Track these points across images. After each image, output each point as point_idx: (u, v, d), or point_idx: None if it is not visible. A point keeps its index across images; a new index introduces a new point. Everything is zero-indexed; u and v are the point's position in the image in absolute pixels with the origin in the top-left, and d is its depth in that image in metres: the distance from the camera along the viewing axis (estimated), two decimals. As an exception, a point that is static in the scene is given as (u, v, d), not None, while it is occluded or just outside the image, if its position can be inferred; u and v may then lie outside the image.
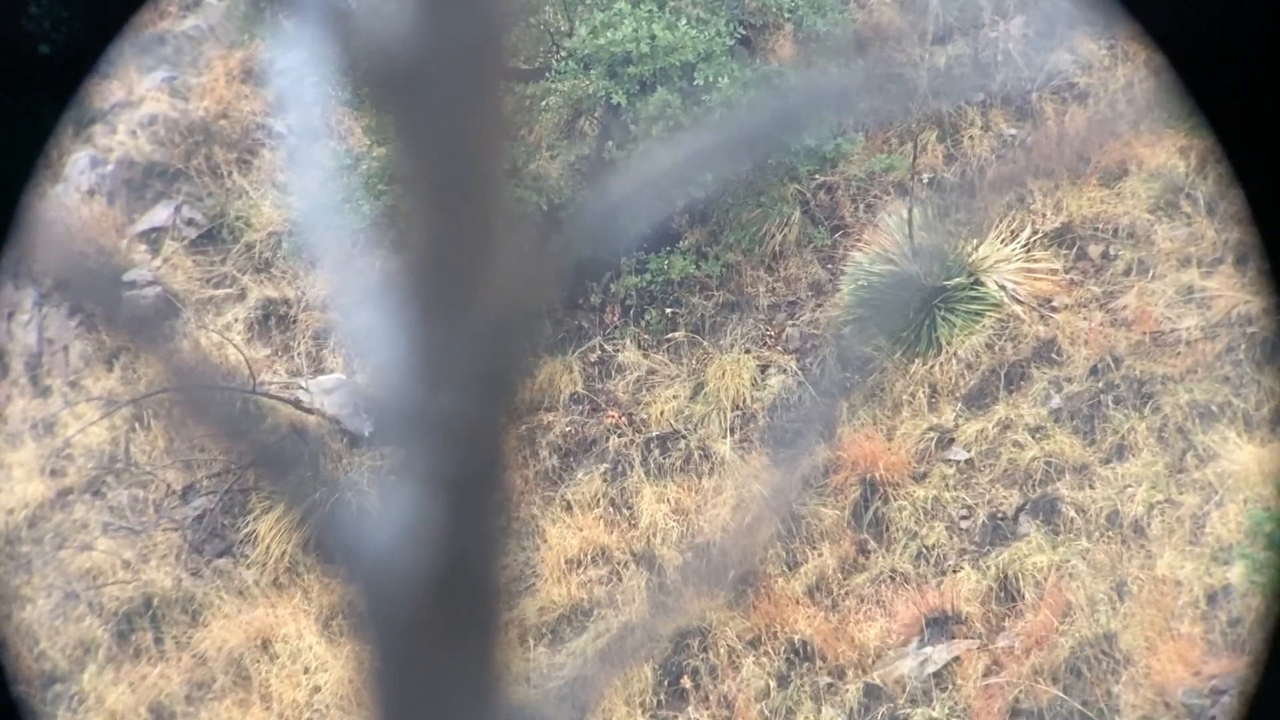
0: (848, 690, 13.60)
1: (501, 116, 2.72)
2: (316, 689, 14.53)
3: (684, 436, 15.21)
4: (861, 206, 16.04)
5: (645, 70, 14.78)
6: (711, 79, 14.73)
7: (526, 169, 15.27)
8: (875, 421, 14.65)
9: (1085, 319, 14.62)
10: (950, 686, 13.30)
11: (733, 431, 15.15)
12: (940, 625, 13.61)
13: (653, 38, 14.75)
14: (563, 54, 15.10)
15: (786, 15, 15.38)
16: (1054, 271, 14.98)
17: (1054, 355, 14.58)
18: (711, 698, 13.89)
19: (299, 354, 16.46)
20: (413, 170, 2.72)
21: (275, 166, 17.45)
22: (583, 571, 14.68)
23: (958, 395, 14.65)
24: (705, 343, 15.65)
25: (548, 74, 15.10)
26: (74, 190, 17.23)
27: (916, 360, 14.81)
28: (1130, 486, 13.69)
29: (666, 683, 14.02)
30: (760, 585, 14.13)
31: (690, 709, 13.90)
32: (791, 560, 14.30)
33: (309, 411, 15.56)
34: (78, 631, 15.12)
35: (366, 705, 2.85)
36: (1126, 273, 14.84)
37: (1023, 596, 13.50)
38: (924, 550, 14.05)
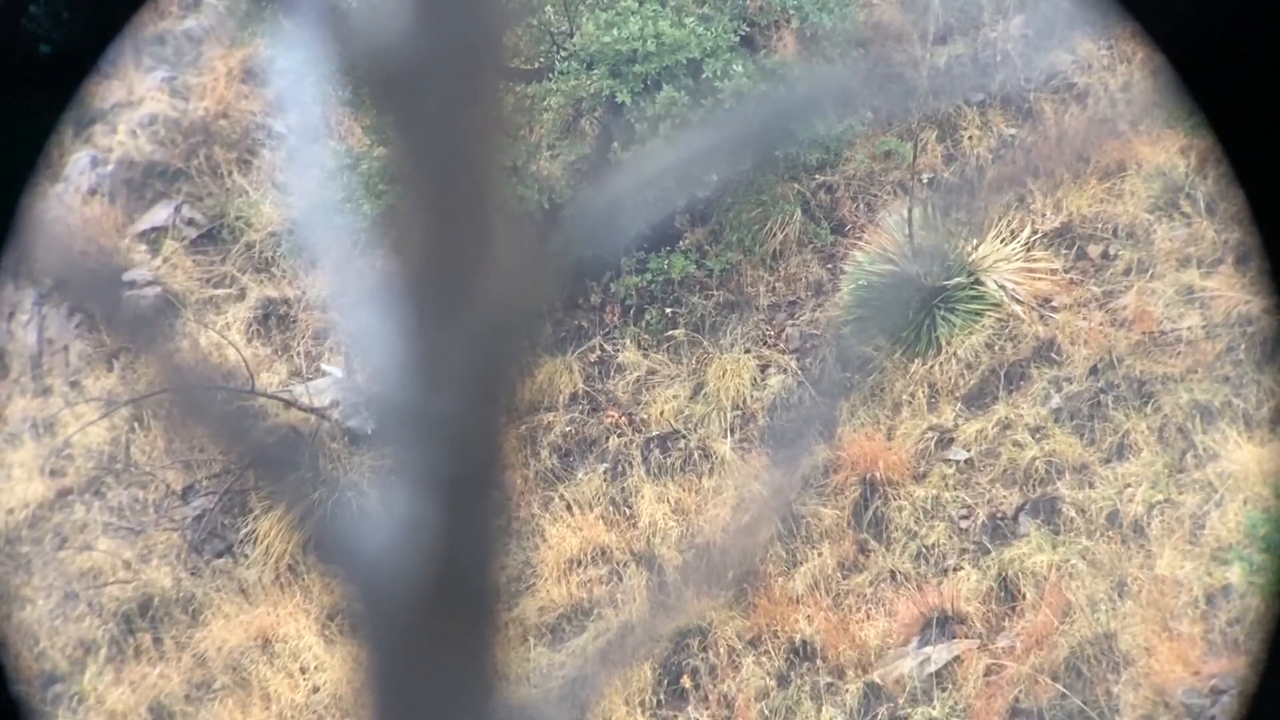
0: (848, 690, 13.61)
1: (501, 116, 2.72)
2: (316, 689, 14.53)
3: (684, 436, 15.21)
4: (861, 206, 16.05)
5: (651, 68, 14.78)
6: (721, 72, 14.73)
7: (527, 169, 15.27)
8: (875, 421, 14.65)
9: (1085, 319, 14.63)
10: (950, 686, 13.30)
11: (733, 431, 15.15)
12: (940, 625, 13.61)
13: (658, 35, 14.75)
14: (564, 54, 15.10)
15: (791, 11, 15.38)
16: (1054, 271, 14.98)
17: (1054, 355, 14.58)
18: (711, 697, 13.90)
19: (299, 354, 16.46)
20: (412, 170, 2.72)
21: (275, 166, 17.46)
22: (583, 571, 14.68)
23: (957, 395, 14.65)
24: (705, 342, 15.65)
25: (549, 74, 15.10)
26: (74, 190, 17.24)
27: (916, 360, 14.81)
28: (1130, 486, 13.69)
29: (666, 682, 14.02)
30: (760, 585, 14.13)
31: (690, 709, 13.90)
32: (791, 560, 14.31)
33: (308, 411, 15.56)
34: (78, 631, 15.13)
35: (365, 705, 2.85)
36: (1126, 272, 14.85)
37: (1023, 596, 13.50)
38: (924, 550, 14.05)
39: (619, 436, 15.37)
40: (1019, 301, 14.81)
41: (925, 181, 15.95)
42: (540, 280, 2.77)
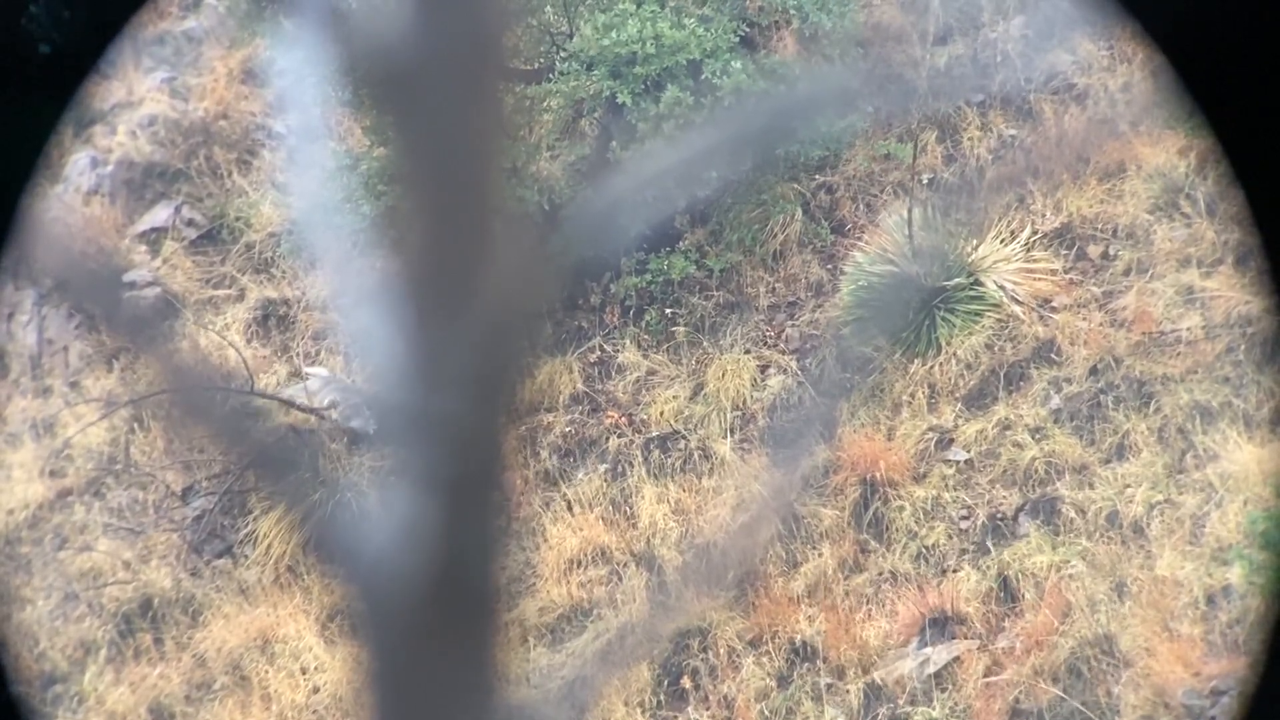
0: (848, 690, 13.60)
1: (501, 116, 2.72)
2: (316, 689, 14.53)
3: (684, 437, 15.21)
4: (862, 206, 16.05)
5: (651, 69, 14.78)
6: (720, 71, 14.73)
7: (527, 169, 15.27)
8: (875, 422, 14.65)
9: (1085, 319, 14.63)
10: (950, 687, 13.30)
11: (733, 432, 15.15)
12: (940, 625, 13.61)
13: (657, 37, 14.75)
14: (564, 55, 15.10)
15: (791, 11, 15.38)
16: (1053, 272, 14.98)
17: (1053, 355, 14.58)
18: (711, 698, 13.89)
19: (298, 355, 16.46)
20: (412, 170, 2.72)
21: (275, 167, 17.46)
22: (583, 572, 14.68)
23: (957, 396, 14.65)
24: (705, 343, 15.65)
25: (549, 75, 15.10)
26: (74, 190, 17.24)
27: (916, 360, 14.81)
28: (1130, 487, 13.69)
29: (666, 683, 14.02)
30: (760, 585, 14.13)
31: (690, 709, 13.90)
32: (792, 560, 14.31)
33: (307, 412, 15.56)
34: (78, 632, 15.12)
35: (365, 706, 2.85)
36: (1126, 273, 14.85)
37: (1023, 597, 13.50)
38: (924, 550, 14.05)
39: (619, 437, 15.37)
40: (1019, 302, 14.81)
41: (925, 182, 15.95)
42: (540, 281, 2.77)
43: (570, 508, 14.99)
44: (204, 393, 2.96)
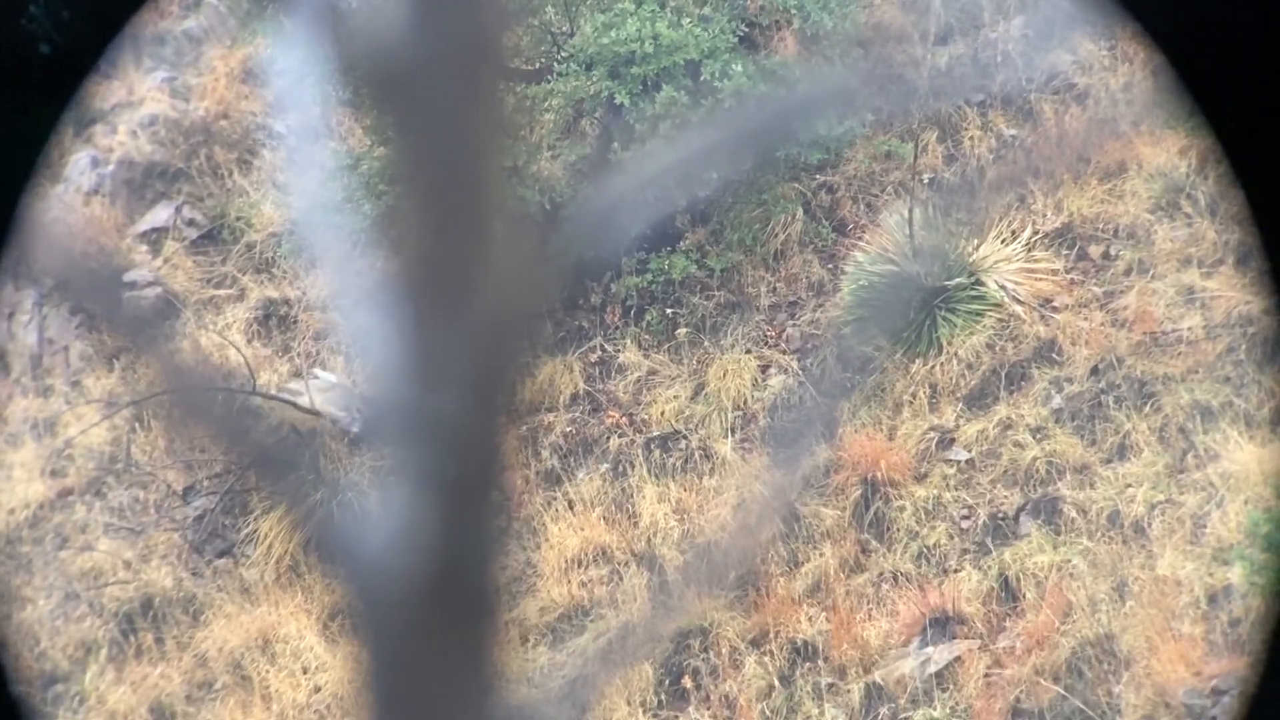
0: (849, 690, 13.60)
1: (501, 116, 2.72)
2: (317, 689, 14.53)
3: (685, 436, 15.21)
4: (862, 206, 16.04)
5: (649, 70, 14.78)
6: (720, 72, 14.73)
7: (527, 169, 15.27)
8: (876, 421, 14.65)
9: (1086, 319, 14.62)
10: (951, 686, 13.30)
11: (734, 431, 15.15)
12: (941, 625, 13.61)
13: (656, 37, 14.74)
14: (564, 55, 15.10)
15: (792, 11, 15.37)
16: (1054, 271, 14.98)
17: (1055, 355, 14.58)
18: (713, 697, 13.89)
19: (299, 354, 16.46)
20: (412, 170, 2.72)
21: (275, 167, 17.46)
22: (583, 571, 14.68)
23: (958, 395, 14.65)
24: (706, 343, 15.65)
25: (549, 75, 15.11)
26: (74, 190, 17.24)
27: (917, 360, 14.81)
28: (1131, 486, 13.69)
29: (667, 682, 14.02)
30: (761, 585, 14.13)
31: (691, 709, 13.90)
32: (793, 560, 14.30)
33: (308, 412, 15.56)
34: (78, 632, 15.13)
35: (365, 705, 2.85)
36: (1127, 273, 14.85)
37: (1024, 596, 13.50)
38: (925, 550, 14.05)
39: (620, 437, 15.37)
40: (1020, 302, 14.81)
41: (926, 182, 15.95)
42: (540, 280, 2.77)
43: (571, 507, 14.99)
44: (205, 393, 2.96)
